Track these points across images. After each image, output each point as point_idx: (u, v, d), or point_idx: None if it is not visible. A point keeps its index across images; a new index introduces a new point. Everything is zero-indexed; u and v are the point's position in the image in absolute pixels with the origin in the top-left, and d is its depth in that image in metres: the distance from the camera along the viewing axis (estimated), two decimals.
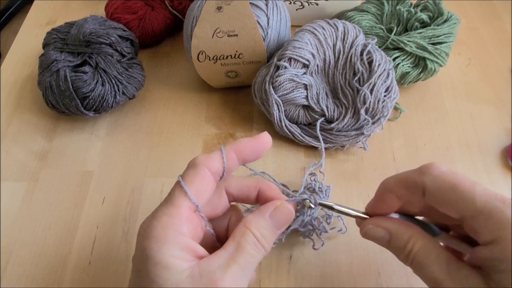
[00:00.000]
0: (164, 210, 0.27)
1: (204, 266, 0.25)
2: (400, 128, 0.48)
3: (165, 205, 0.27)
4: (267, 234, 0.28)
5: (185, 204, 0.27)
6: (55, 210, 0.41)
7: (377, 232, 0.29)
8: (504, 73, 0.53)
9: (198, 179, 0.28)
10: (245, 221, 0.28)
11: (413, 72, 0.48)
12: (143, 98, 0.51)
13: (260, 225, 0.28)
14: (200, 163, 0.28)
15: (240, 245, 0.26)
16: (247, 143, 0.30)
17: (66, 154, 0.46)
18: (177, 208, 0.27)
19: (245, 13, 0.43)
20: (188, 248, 0.26)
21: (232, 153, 0.29)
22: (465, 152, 0.46)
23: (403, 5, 0.50)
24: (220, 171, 0.29)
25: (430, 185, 0.27)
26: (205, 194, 0.28)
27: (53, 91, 0.44)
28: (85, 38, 0.45)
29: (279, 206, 0.29)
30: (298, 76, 0.43)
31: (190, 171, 0.28)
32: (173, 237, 0.25)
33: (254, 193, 0.31)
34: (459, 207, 0.26)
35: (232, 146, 0.29)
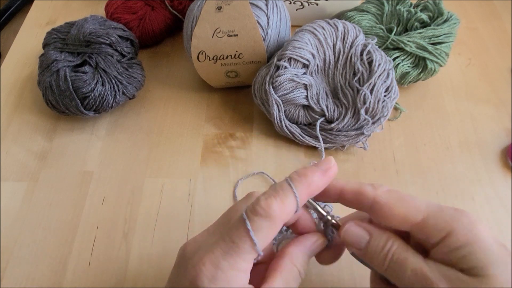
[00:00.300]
0: (232, 263, 0.25)
1: None
2: (400, 128, 0.48)
3: (230, 255, 0.25)
4: (306, 266, 0.29)
5: (251, 257, 0.25)
6: (55, 210, 0.41)
7: (358, 231, 0.29)
8: (504, 73, 0.53)
9: (270, 234, 0.26)
10: (291, 257, 0.28)
11: (413, 72, 0.48)
12: (143, 98, 0.51)
13: (304, 260, 0.28)
14: (277, 217, 0.25)
15: (288, 283, 0.27)
16: (319, 182, 0.28)
17: (66, 154, 0.46)
18: (244, 262, 0.25)
19: (245, 13, 0.43)
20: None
21: (304, 195, 0.27)
22: (465, 152, 0.46)
23: (403, 5, 0.50)
24: (291, 217, 0.28)
25: (381, 200, 0.28)
26: (267, 246, 0.27)
27: (53, 91, 0.44)
28: (85, 38, 0.46)
29: (317, 240, 0.30)
30: (298, 76, 0.43)
31: (264, 224, 0.25)
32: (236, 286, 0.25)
33: (294, 219, 0.30)
34: (409, 215, 0.27)
35: (304, 188, 0.27)
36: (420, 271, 0.26)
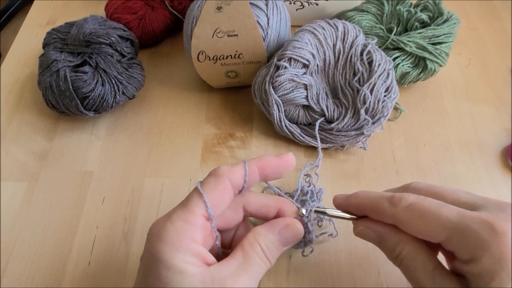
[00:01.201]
0: (180, 215, 0.27)
1: (215, 273, 0.25)
2: (400, 128, 0.48)
3: (181, 209, 0.27)
4: (273, 249, 0.29)
5: (201, 212, 0.27)
6: (55, 210, 0.41)
7: (368, 233, 0.30)
8: (504, 73, 0.53)
9: (218, 189, 0.28)
10: (254, 233, 0.28)
11: (413, 72, 0.48)
12: (143, 98, 0.51)
13: (268, 239, 0.29)
14: (222, 174, 0.28)
15: (249, 255, 0.27)
16: (270, 160, 0.30)
17: (66, 154, 0.46)
18: (193, 215, 0.27)
19: (245, 13, 0.43)
20: (200, 255, 0.26)
21: (255, 168, 0.29)
22: (465, 152, 0.46)
23: (403, 5, 0.50)
24: (241, 184, 0.29)
25: (401, 218, 0.27)
26: (222, 206, 0.28)
27: (53, 91, 0.44)
28: (85, 38, 0.45)
29: (290, 224, 0.30)
30: (298, 76, 0.43)
31: (211, 179, 0.28)
32: (186, 243, 0.26)
33: (273, 213, 0.31)
34: (431, 234, 0.26)
35: (255, 162, 0.30)
36: (422, 285, 0.26)
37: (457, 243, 0.25)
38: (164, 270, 0.25)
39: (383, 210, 0.28)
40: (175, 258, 0.25)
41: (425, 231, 0.26)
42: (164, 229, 0.26)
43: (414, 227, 0.27)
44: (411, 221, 0.27)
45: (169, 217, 0.27)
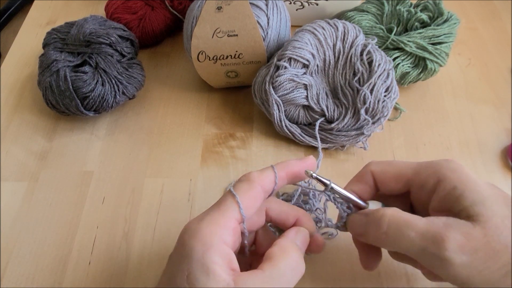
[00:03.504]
0: (215, 217, 0.27)
1: (241, 283, 0.25)
2: (400, 128, 0.48)
3: (215, 211, 0.28)
4: (301, 260, 0.29)
5: (234, 215, 0.28)
6: (55, 210, 0.41)
7: (358, 217, 0.31)
8: (504, 73, 0.53)
9: (250, 194, 0.29)
10: (281, 245, 0.28)
11: (413, 72, 0.48)
12: (143, 98, 0.51)
13: (297, 249, 0.29)
14: (255, 179, 0.29)
15: (277, 266, 0.27)
16: (297, 165, 0.31)
17: (66, 154, 0.46)
18: (226, 217, 0.27)
19: (245, 13, 0.43)
20: (228, 259, 0.26)
21: (283, 173, 0.31)
22: (465, 152, 0.46)
23: (403, 5, 0.50)
24: (270, 190, 0.30)
25: (375, 168, 0.32)
26: (253, 210, 0.29)
27: (53, 91, 0.44)
28: (85, 38, 0.45)
29: (300, 229, 0.31)
30: (298, 76, 0.43)
31: (244, 185, 0.29)
32: (218, 245, 0.26)
33: (292, 221, 0.32)
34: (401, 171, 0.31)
35: (284, 167, 0.31)
36: (427, 229, 0.26)
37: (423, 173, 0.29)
38: (194, 268, 0.25)
39: (363, 173, 0.32)
40: (205, 258, 0.25)
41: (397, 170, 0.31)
42: (198, 228, 0.26)
43: (387, 171, 0.31)
44: (384, 168, 0.31)
45: (203, 218, 0.27)
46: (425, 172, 0.29)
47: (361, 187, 0.32)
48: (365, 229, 0.30)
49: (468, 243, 0.24)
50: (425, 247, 0.25)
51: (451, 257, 0.24)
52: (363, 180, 0.32)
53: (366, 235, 0.30)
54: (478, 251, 0.24)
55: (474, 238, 0.24)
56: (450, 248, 0.24)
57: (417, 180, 0.29)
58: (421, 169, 0.29)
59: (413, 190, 0.30)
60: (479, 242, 0.24)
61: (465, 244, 0.24)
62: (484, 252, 0.24)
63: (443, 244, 0.24)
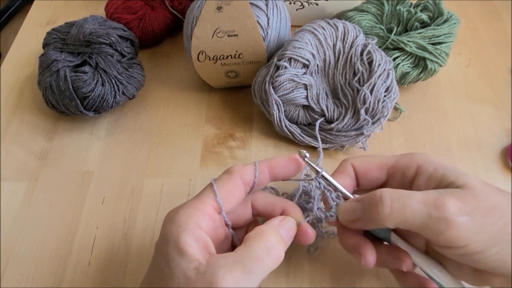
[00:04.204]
0: (192, 202, 0.29)
1: (210, 263, 0.25)
2: (400, 128, 0.48)
3: (193, 199, 0.29)
4: (279, 245, 0.28)
5: (211, 202, 0.29)
6: (55, 210, 0.41)
7: (350, 204, 0.31)
8: (504, 73, 0.53)
9: (229, 185, 0.30)
10: (258, 229, 0.29)
11: (413, 72, 0.48)
12: (143, 98, 0.51)
13: (273, 234, 0.29)
14: (235, 171, 0.30)
15: (250, 248, 0.27)
16: (281, 161, 0.32)
17: (66, 154, 0.46)
18: (202, 203, 0.29)
19: (245, 13, 0.43)
20: (203, 242, 0.27)
21: (265, 168, 0.31)
22: (465, 152, 0.46)
23: (403, 5, 0.50)
24: (252, 182, 0.31)
25: (356, 161, 0.33)
26: (233, 200, 0.30)
27: (53, 91, 0.44)
28: (85, 38, 0.46)
29: (285, 218, 0.31)
30: (298, 76, 0.43)
31: (224, 176, 0.31)
32: (192, 227, 0.27)
33: (278, 212, 0.32)
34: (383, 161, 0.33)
35: (266, 162, 0.32)
36: (427, 197, 0.27)
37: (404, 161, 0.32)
38: (170, 249, 0.26)
39: (344, 166, 0.33)
40: (179, 239, 0.26)
41: (378, 160, 0.33)
42: (176, 213, 0.28)
43: (369, 162, 0.33)
44: (365, 160, 0.33)
45: (183, 204, 0.29)
46: (405, 159, 0.32)
47: (344, 179, 0.33)
48: (361, 213, 0.30)
49: (464, 205, 0.26)
50: (429, 213, 0.26)
51: (453, 219, 0.26)
52: (345, 172, 0.33)
53: (362, 219, 0.30)
54: (474, 210, 0.26)
55: (468, 201, 0.27)
56: (451, 211, 0.26)
57: (399, 167, 0.32)
58: (401, 158, 0.32)
59: (394, 178, 0.32)
60: (473, 203, 0.27)
61: (462, 206, 0.26)
62: (479, 211, 0.26)
63: (444, 207, 0.26)
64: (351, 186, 0.33)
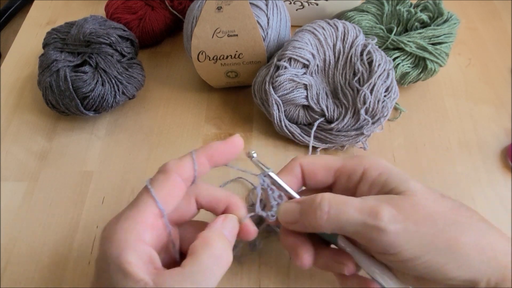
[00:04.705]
0: (129, 214, 0.26)
1: (158, 283, 0.24)
2: (400, 128, 0.48)
3: (130, 208, 0.27)
4: (226, 250, 0.28)
5: (151, 210, 0.27)
6: (55, 210, 0.41)
7: (290, 205, 0.30)
8: (504, 73, 0.53)
9: (167, 185, 0.28)
10: (203, 237, 0.27)
11: (413, 72, 0.48)
12: (143, 98, 0.51)
13: (222, 239, 0.28)
14: (171, 169, 0.28)
15: (198, 260, 0.26)
16: (218, 147, 0.30)
17: (66, 154, 0.46)
18: (141, 213, 0.26)
19: (245, 13, 0.43)
20: (147, 257, 0.25)
21: (203, 158, 0.30)
22: (465, 152, 0.46)
23: (403, 5, 0.50)
24: (191, 177, 0.29)
25: (304, 160, 0.32)
26: (173, 201, 0.28)
27: (53, 91, 0.44)
28: (85, 38, 0.46)
29: (227, 216, 0.30)
30: (298, 76, 0.43)
31: (160, 176, 0.28)
32: (134, 244, 0.25)
33: (222, 207, 0.31)
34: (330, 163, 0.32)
35: (203, 151, 0.30)
36: (363, 204, 0.27)
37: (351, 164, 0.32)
38: (112, 272, 0.24)
39: (292, 165, 0.33)
40: (121, 259, 0.24)
41: (325, 162, 0.32)
42: (113, 230, 0.26)
43: (316, 162, 0.33)
44: (313, 160, 0.33)
45: (119, 217, 0.27)
46: (352, 162, 0.31)
47: (289, 179, 0.32)
48: (300, 216, 0.30)
49: (399, 213, 0.27)
50: (364, 221, 0.27)
51: (386, 227, 0.26)
52: (291, 172, 0.33)
53: (301, 221, 0.30)
54: (408, 219, 0.27)
55: (404, 209, 0.27)
56: (385, 219, 0.26)
57: (345, 170, 0.31)
58: (348, 161, 0.32)
59: (340, 181, 0.32)
60: (407, 212, 0.27)
61: (397, 215, 0.27)
62: (413, 219, 0.27)
63: (379, 215, 0.26)
64: (296, 186, 0.33)
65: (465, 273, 0.26)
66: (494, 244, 0.27)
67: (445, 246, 0.26)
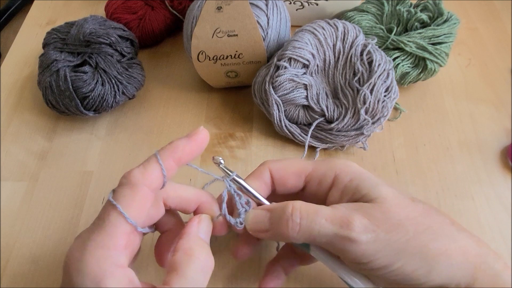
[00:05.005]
0: (98, 241, 0.24)
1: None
2: (400, 128, 0.48)
3: (97, 233, 0.25)
4: (209, 257, 0.27)
5: (122, 230, 0.25)
6: (55, 210, 0.41)
7: (259, 213, 0.30)
8: (504, 73, 0.53)
9: (136, 200, 0.26)
10: (185, 249, 0.27)
11: (413, 72, 0.48)
12: (143, 98, 0.51)
13: (203, 246, 0.27)
14: (137, 181, 0.26)
15: (184, 275, 0.25)
16: (185, 147, 0.28)
17: (66, 154, 0.46)
18: (113, 237, 0.24)
19: (245, 13, 0.43)
20: (127, 280, 0.24)
21: (171, 162, 0.28)
22: (465, 152, 0.46)
23: (403, 5, 0.50)
24: (160, 184, 0.28)
25: (273, 166, 0.32)
26: (143, 214, 0.26)
27: (53, 91, 0.44)
28: (85, 38, 0.46)
29: (201, 218, 0.29)
30: (298, 76, 0.43)
31: (126, 191, 0.26)
32: (111, 272, 0.23)
33: (193, 207, 0.30)
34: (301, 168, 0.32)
35: (169, 154, 0.28)
36: (334, 214, 0.27)
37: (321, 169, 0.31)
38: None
39: (261, 171, 0.32)
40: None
41: (296, 167, 0.32)
42: (84, 260, 0.23)
43: (287, 168, 0.32)
44: (284, 165, 0.32)
45: (86, 244, 0.24)
46: (323, 167, 0.31)
47: (258, 184, 0.31)
48: (270, 224, 0.29)
49: (370, 222, 0.27)
50: (335, 232, 0.26)
51: (358, 237, 0.26)
52: (260, 177, 0.32)
53: (271, 230, 0.29)
54: (380, 227, 0.26)
55: (375, 217, 0.27)
56: (357, 229, 0.26)
57: (316, 176, 0.31)
58: (319, 165, 0.31)
59: (310, 186, 0.31)
60: (379, 220, 0.27)
61: (368, 224, 0.26)
62: (384, 228, 0.27)
63: (350, 226, 0.26)
64: (265, 192, 0.32)
65: (435, 279, 0.26)
66: (465, 247, 0.27)
67: (416, 253, 0.26)
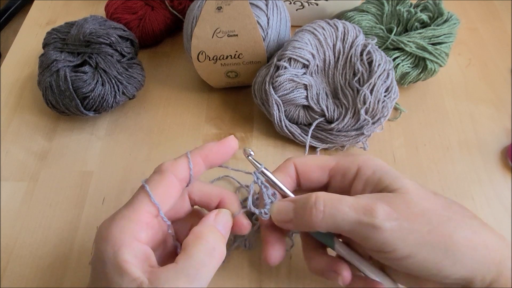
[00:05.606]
0: (124, 213, 0.27)
1: (152, 280, 0.25)
2: (400, 128, 0.48)
3: (126, 208, 0.27)
4: (219, 243, 0.28)
5: (146, 208, 0.27)
6: (55, 210, 0.41)
7: (284, 204, 0.30)
8: (504, 73, 0.53)
9: (163, 185, 0.28)
10: (195, 232, 0.28)
11: (413, 72, 0.48)
12: (143, 98, 0.51)
13: (212, 234, 0.28)
14: (166, 169, 0.29)
15: (191, 255, 0.26)
16: (213, 148, 0.31)
17: (66, 154, 0.46)
18: (137, 212, 0.27)
19: (245, 13, 0.43)
20: (142, 255, 0.26)
21: (198, 158, 0.30)
22: (465, 152, 0.46)
23: (403, 5, 0.50)
24: (187, 177, 0.30)
25: (297, 160, 0.33)
26: (169, 200, 0.28)
27: (53, 91, 0.44)
28: (85, 38, 0.45)
29: (220, 211, 0.30)
30: (298, 76, 0.43)
31: (155, 176, 0.29)
32: (129, 242, 0.25)
33: (215, 202, 0.32)
34: (325, 162, 0.32)
35: (198, 152, 0.30)
36: (357, 202, 0.27)
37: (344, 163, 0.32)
38: (108, 270, 0.25)
39: (287, 165, 0.33)
40: (117, 258, 0.25)
41: (320, 161, 0.33)
42: (108, 229, 0.26)
43: (311, 163, 0.33)
44: (308, 160, 0.33)
45: (114, 216, 0.27)
46: (346, 161, 0.32)
47: (283, 177, 0.32)
48: (294, 214, 0.29)
49: (393, 211, 0.27)
50: (359, 219, 0.27)
51: (381, 224, 0.26)
52: (285, 171, 0.33)
53: (295, 220, 0.29)
54: (402, 216, 0.27)
55: (398, 207, 0.27)
56: (380, 217, 0.26)
57: (339, 169, 0.32)
58: (341, 159, 0.32)
59: (334, 181, 0.32)
60: (401, 209, 0.27)
61: (391, 212, 0.27)
62: (406, 217, 0.27)
63: (374, 213, 0.26)
64: (291, 186, 0.33)
65: (460, 271, 0.26)
66: (488, 241, 0.27)
67: (439, 243, 0.26)
